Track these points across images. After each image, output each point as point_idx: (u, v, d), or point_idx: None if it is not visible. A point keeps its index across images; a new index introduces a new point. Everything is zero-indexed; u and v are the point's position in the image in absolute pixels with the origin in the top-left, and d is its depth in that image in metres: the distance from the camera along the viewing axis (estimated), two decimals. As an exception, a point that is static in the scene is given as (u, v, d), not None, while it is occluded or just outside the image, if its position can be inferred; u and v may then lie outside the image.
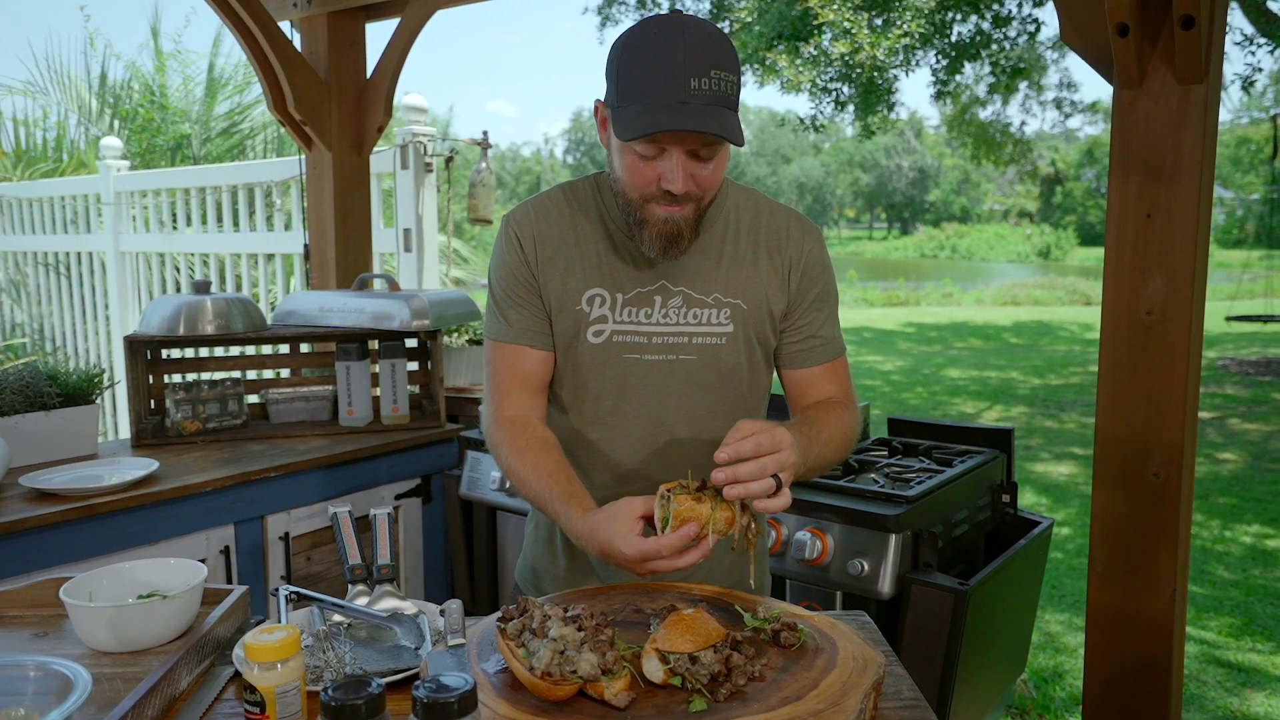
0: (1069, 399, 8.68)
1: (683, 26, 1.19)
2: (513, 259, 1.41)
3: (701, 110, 1.18)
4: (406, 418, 2.82)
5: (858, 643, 1.19)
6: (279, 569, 2.48)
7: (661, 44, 1.19)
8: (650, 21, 1.22)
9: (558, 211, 1.42)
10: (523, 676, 1.06)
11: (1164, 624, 1.87)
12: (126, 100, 7.49)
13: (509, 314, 1.42)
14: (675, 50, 1.18)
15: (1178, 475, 1.82)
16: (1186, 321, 1.77)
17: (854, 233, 55.76)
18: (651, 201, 1.28)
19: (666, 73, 1.18)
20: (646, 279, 1.39)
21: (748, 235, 1.42)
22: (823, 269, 1.45)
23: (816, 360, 1.45)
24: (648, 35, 1.21)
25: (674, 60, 1.18)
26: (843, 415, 1.40)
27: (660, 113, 1.18)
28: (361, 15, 3.39)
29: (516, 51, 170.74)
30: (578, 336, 1.40)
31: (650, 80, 1.19)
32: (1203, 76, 1.70)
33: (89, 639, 1.24)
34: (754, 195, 1.46)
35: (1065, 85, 13.99)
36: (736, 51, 1.25)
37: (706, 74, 1.18)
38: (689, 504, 1.16)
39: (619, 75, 1.23)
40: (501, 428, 1.40)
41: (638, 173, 1.26)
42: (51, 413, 2.40)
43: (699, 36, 1.19)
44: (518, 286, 1.41)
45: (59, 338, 5.96)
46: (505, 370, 1.42)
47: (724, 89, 1.20)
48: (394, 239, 3.93)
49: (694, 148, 1.23)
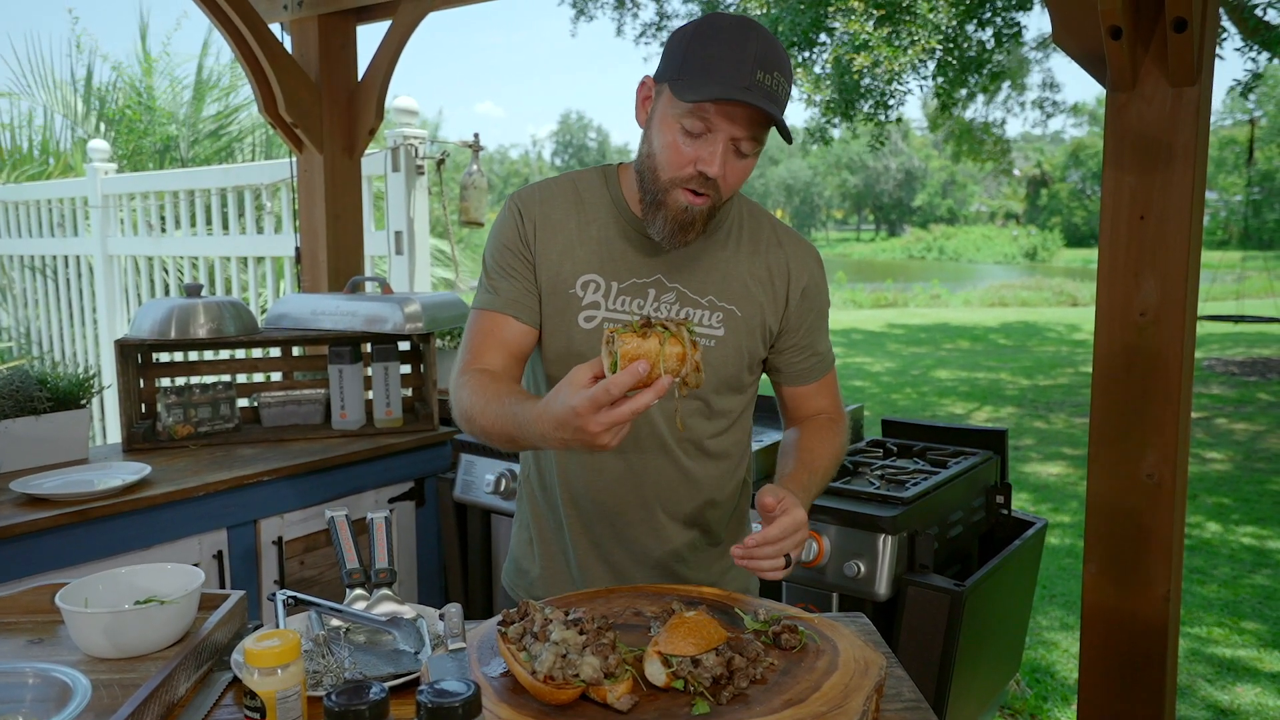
0: (1057, 399, 8.73)
1: (756, 26, 1.25)
2: (510, 232, 1.41)
3: (764, 100, 1.21)
4: (399, 421, 2.81)
5: (858, 645, 1.19)
6: (272, 573, 2.47)
7: (736, 33, 1.23)
8: (721, 15, 1.27)
9: (563, 196, 1.42)
10: (525, 680, 1.06)
11: (1158, 624, 1.88)
12: (113, 102, 7.45)
13: (498, 284, 1.40)
14: (749, 42, 1.22)
15: (1171, 476, 1.83)
16: (1180, 323, 1.78)
17: (841, 234, 55.93)
18: (679, 186, 1.29)
19: (738, 58, 1.21)
20: (643, 271, 1.39)
21: (749, 245, 1.44)
22: (821, 290, 1.50)
23: (815, 377, 1.51)
24: (721, 24, 1.25)
25: (746, 49, 1.22)
26: (835, 438, 1.48)
27: (728, 86, 1.20)
28: (352, 18, 3.37)
29: (505, 53, 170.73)
30: (570, 321, 1.39)
31: (721, 60, 1.22)
32: (1195, 79, 1.72)
33: (85, 645, 1.23)
34: (759, 209, 1.49)
35: (1048, 86, 14.06)
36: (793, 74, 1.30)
37: (771, 72, 1.22)
38: (635, 341, 1.08)
39: (686, 53, 1.25)
40: (469, 375, 1.34)
41: (677, 151, 1.27)
42: (42, 417, 2.38)
43: (769, 38, 1.25)
44: (512, 259, 1.40)
45: (46, 342, 5.91)
46: (484, 335, 1.39)
47: (780, 92, 1.24)
48: (385, 241, 3.92)
49: (740, 137, 1.25)
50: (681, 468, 1.44)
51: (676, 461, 1.44)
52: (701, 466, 1.46)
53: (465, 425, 1.34)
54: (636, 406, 1.06)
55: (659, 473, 1.44)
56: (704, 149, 1.25)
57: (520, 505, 1.59)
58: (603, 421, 1.07)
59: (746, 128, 1.24)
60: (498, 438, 1.28)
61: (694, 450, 1.45)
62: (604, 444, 1.09)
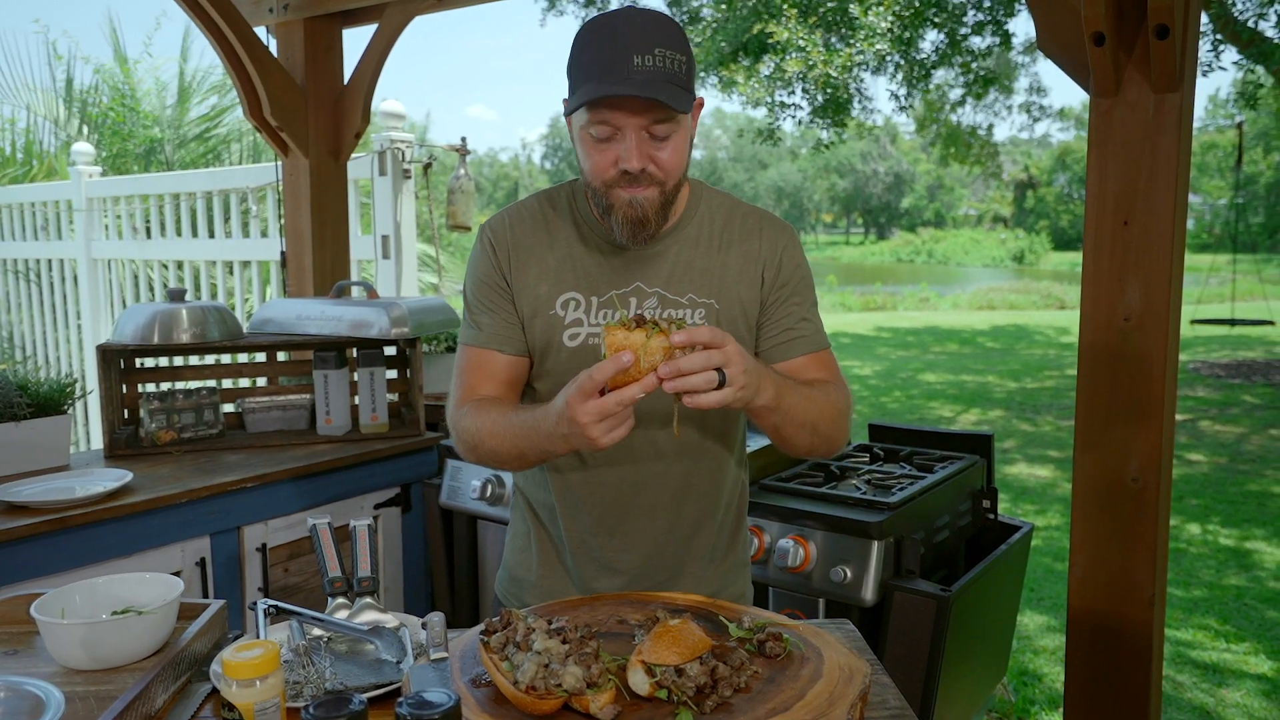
0: (1044, 402, 8.77)
1: (626, 13, 1.24)
2: (486, 265, 1.42)
3: (644, 84, 1.21)
4: (385, 426, 2.79)
5: (843, 652, 1.19)
6: (256, 581, 2.45)
7: (605, 28, 1.24)
8: (596, 16, 1.28)
9: (533, 219, 1.43)
10: (507, 690, 1.05)
11: (1143, 628, 1.89)
12: (94, 105, 7.40)
13: (480, 319, 1.42)
14: (617, 33, 1.22)
15: (1156, 480, 1.84)
16: (1164, 327, 1.79)
17: (831, 238, 56.10)
18: (614, 186, 1.30)
19: (610, 52, 1.22)
20: (621, 281, 1.40)
21: (721, 235, 1.43)
22: (796, 264, 1.44)
23: (800, 352, 1.42)
24: (593, 25, 1.27)
25: (616, 41, 1.22)
26: (828, 387, 1.38)
27: (604, 86, 1.21)
28: (338, 21, 3.36)
29: (496, 57, 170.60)
30: (554, 341, 1.40)
31: (595, 62, 1.23)
32: (1178, 85, 1.72)
33: (61, 657, 1.22)
34: (727, 198, 1.47)
35: (1035, 90, 14.15)
36: (684, 34, 1.28)
37: (650, 51, 1.22)
38: (623, 334, 1.13)
39: (570, 66, 1.28)
40: (468, 405, 1.37)
41: (597, 156, 1.28)
42: (22, 423, 2.35)
43: (641, 19, 1.24)
44: (490, 292, 1.42)
45: (28, 346, 5.86)
46: (474, 369, 1.42)
47: (671, 66, 1.23)
48: (372, 246, 3.91)
49: (645, 124, 1.25)
50: (676, 474, 1.44)
51: (670, 468, 1.43)
52: (696, 469, 1.45)
53: (472, 453, 1.36)
54: (622, 397, 1.12)
55: (655, 479, 1.43)
56: (618, 147, 1.27)
57: (515, 515, 1.58)
58: (590, 411, 1.13)
59: (646, 114, 1.24)
60: (508, 454, 1.31)
61: (689, 453, 1.44)
62: (594, 437, 1.14)
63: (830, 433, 1.36)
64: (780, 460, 2.37)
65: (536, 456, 1.31)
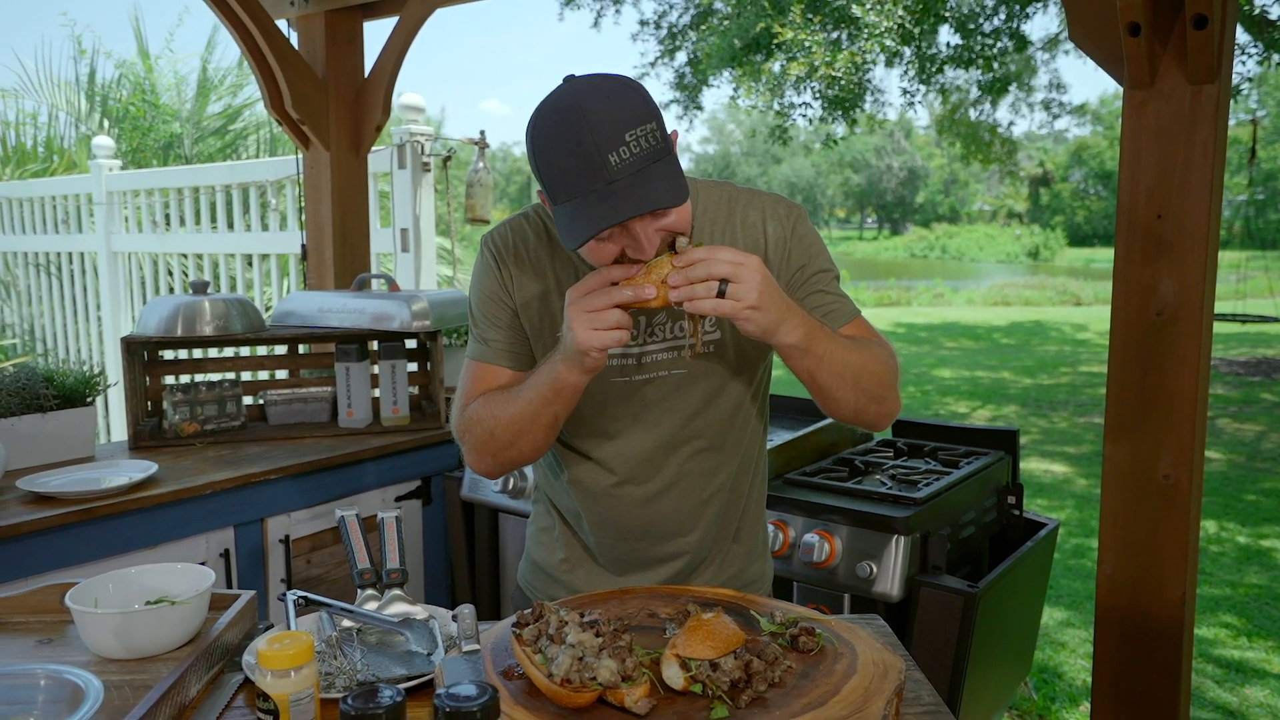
0: (1060, 399, 8.71)
1: (581, 106, 1.12)
2: (490, 280, 1.39)
3: (630, 184, 1.11)
4: (406, 419, 2.80)
5: (877, 648, 1.18)
6: (279, 572, 2.46)
7: (567, 134, 1.12)
8: (547, 109, 1.15)
9: (534, 230, 1.40)
10: (541, 684, 1.04)
11: (1173, 627, 1.87)
12: (115, 99, 7.43)
13: (487, 334, 1.40)
14: (582, 136, 1.11)
15: (1187, 477, 1.82)
16: (1197, 322, 1.76)
17: (844, 233, 55.85)
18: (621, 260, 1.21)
19: (583, 162, 1.11)
20: None
21: (723, 235, 1.37)
22: (809, 243, 1.38)
23: (835, 322, 1.36)
24: (549, 129, 1.14)
25: (584, 147, 1.11)
26: (869, 342, 1.34)
27: (593, 206, 1.12)
28: (359, 14, 3.36)
29: (511, 51, 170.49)
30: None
31: (570, 174, 1.13)
32: (1215, 76, 1.70)
33: (95, 646, 1.22)
34: (726, 190, 1.40)
35: (1054, 87, 14.03)
36: (647, 96, 1.16)
37: (622, 142, 1.11)
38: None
39: (540, 175, 1.18)
40: (473, 402, 1.37)
41: (601, 254, 1.20)
42: (48, 415, 2.37)
43: (600, 110, 1.11)
44: (495, 307, 1.39)
45: (50, 339, 5.91)
46: (481, 381, 1.39)
47: (646, 145, 1.13)
48: (391, 239, 3.91)
49: (648, 221, 1.17)
50: (700, 480, 1.42)
51: (694, 483, 1.42)
52: (714, 461, 1.44)
53: (483, 446, 1.34)
54: (615, 297, 1.16)
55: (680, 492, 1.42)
56: (623, 241, 1.18)
57: (537, 509, 1.58)
58: (581, 305, 1.17)
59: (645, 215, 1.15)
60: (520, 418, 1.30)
61: (705, 445, 1.42)
62: (582, 340, 1.16)
63: (876, 391, 1.32)
64: (805, 455, 2.36)
65: (549, 417, 1.28)
